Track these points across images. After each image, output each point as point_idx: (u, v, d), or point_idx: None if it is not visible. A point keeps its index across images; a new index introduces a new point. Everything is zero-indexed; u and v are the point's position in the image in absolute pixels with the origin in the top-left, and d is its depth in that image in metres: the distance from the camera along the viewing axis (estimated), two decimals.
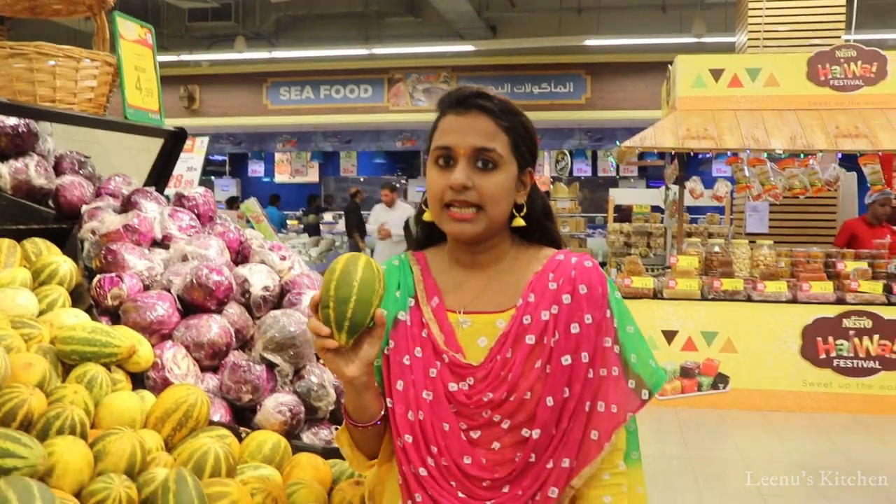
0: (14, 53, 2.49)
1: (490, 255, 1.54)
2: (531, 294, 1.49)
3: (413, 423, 1.46)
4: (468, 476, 1.44)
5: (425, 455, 1.46)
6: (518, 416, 1.44)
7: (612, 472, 1.48)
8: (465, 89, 1.50)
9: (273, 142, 17.61)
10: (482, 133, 1.46)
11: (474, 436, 1.45)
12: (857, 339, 6.50)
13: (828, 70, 7.44)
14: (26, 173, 2.61)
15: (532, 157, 1.54)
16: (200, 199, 2.74)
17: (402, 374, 1.49)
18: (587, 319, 1.46)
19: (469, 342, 1.49)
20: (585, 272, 1.49)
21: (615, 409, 1.46)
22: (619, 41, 13.32)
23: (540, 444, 1.43)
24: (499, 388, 1.44)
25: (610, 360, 1.47)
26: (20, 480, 1.35)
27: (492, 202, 1.46)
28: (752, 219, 8.69)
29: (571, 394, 1.43)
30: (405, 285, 1.56)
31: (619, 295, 1.53)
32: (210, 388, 2.21)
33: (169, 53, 14.27)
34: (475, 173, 1.45)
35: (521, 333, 1.46)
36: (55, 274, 2.25)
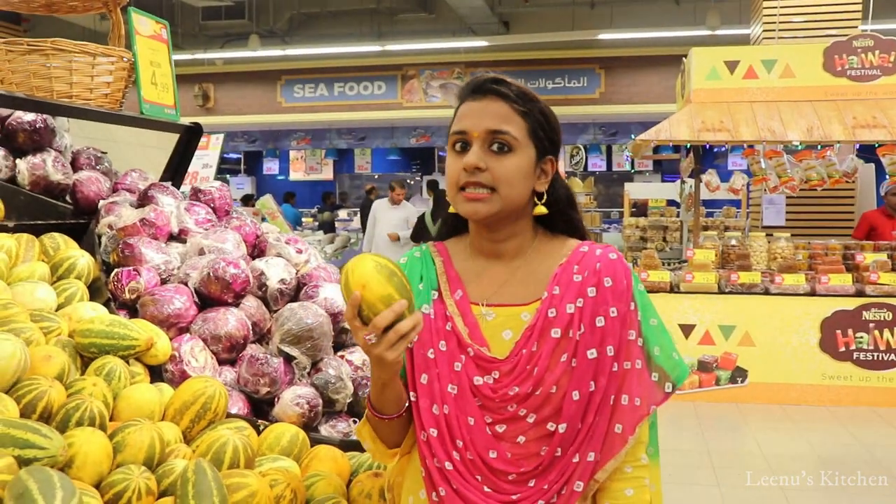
0: (31, 50, 2.51)
1: (512, 245, 1.53)
2: (556, 286, 1.48)
3: (438, 417, 1.46)
4: (493, 470, 1.44)
5: (450, 449, 1.45)
6: (544, 411, 1.43)
7: (634, 465, 1.47)
8: (482, 76, 1.50)
9: (287, 139, 17.66)
10: (496, 116, 1.45)
11: (500, 430, 1.45)
12: (877, 331, 6.44)
13: (845, 60, 7.37)
14: (44, 169, 2.62)
15: (553, 144, 1.52)
16: (216, 193, 2.75)
17: (426, 368, 1.48)
18: (612, 313, 1.45)
19: (493, 335, 1.48)
20: (610, 264, 1.49)
21: (639, 402, 1.46)
22: (633, 35, 13.26)
23: (566, 438, 1.43)
24: (525, 381, 1.43)
25: (634, 353, 1.47)
26: (41, 470, 1.35)
27: (505, 184, 1.44)
28: (769, 211, 8.64)
29: (597, 387, 1.43)
30: (427, 278, 1.55)
31: (642, 287, 1.52)
32: (228, 381, 2.21)
33: (183, 52, 14.32)
34: (489, 156, 1.44)
35: (546, 327, 1.45)
36: (73, 268, 2.26)
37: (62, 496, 1.31)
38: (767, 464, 5.09)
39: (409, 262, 1.58)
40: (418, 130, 16.49)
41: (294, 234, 7.90)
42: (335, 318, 2.39)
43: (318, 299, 2.41)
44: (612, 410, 1.45)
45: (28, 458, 1.46)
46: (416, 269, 1.57)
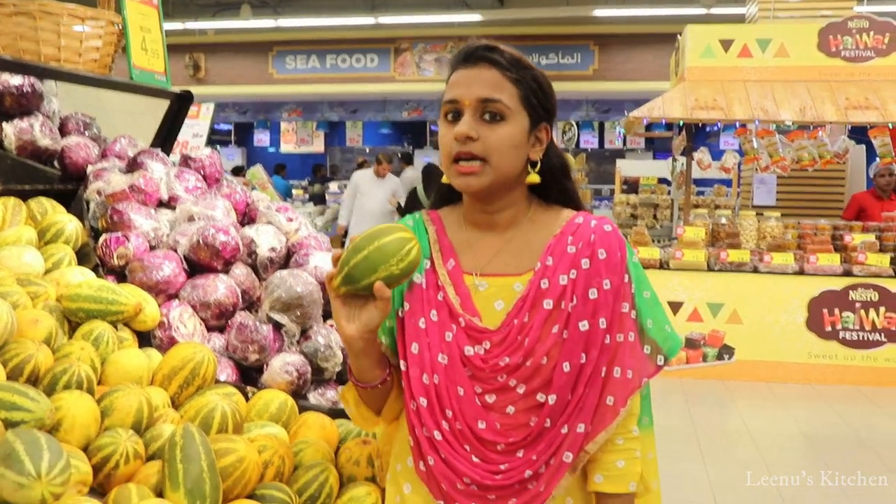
0: (17, 12, 2.48)
1: (506, 216, 1.51)
2: (549, 257, 1.46)
3: (428, 387, 1.45)
4: (482, 440, 1.43)
5: (440, 418, 1.44)
6: (534, 382, 1.43)
7: (625, 436, 1.47)
8: (474, 43, 1.48)
9: (279, 111, 17.56)
10: (487, 84, 1.43)
11: (489, 400, 1.44)
12: (863, 311, 6.49)
13: (839, 41, 7.35)
14: (31, 133, 2.60)
15: (547, 111, 1.49)
16: (207, 160, 2.73)
17: (417, 337, 1.47)
18: (605, 285, 1.44)
19: (485, 305, 1.47)
20: (605, 236, 1.47)
21: (631, 374, 1.45)
22: (628, 12, 13.21)
23: (555, 409, 1.42)
24: (515, 352, 1.42)
25: (626, 326, 1.46)
26: (28, 432, 1.35)
27: (497, 154, 1.42)
28: (760, 191, 8.65)
29: (588, 359, 1.42)
30: (420, 247, 1.53)
31: (636, 259, 1.51)
32: (216, 348, 2.21)
33: (174, 21, 14.18)
34: (481, 125, 1.42)
35: (538, 298, 1.44)
36: (61, 233, 2.25)
37: (49, 457, 1.31)
38: (753, 440, 5.13)
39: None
40: (410, 104, 16.41)
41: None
42: (324, 286, 2.38)
43: (307, 267, 2.40)
44: (604, 382, 1.44)
45: (15, 421, 1.45)
46: None
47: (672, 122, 7.34)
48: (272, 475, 1.68)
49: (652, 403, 1.57)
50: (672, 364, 6.59)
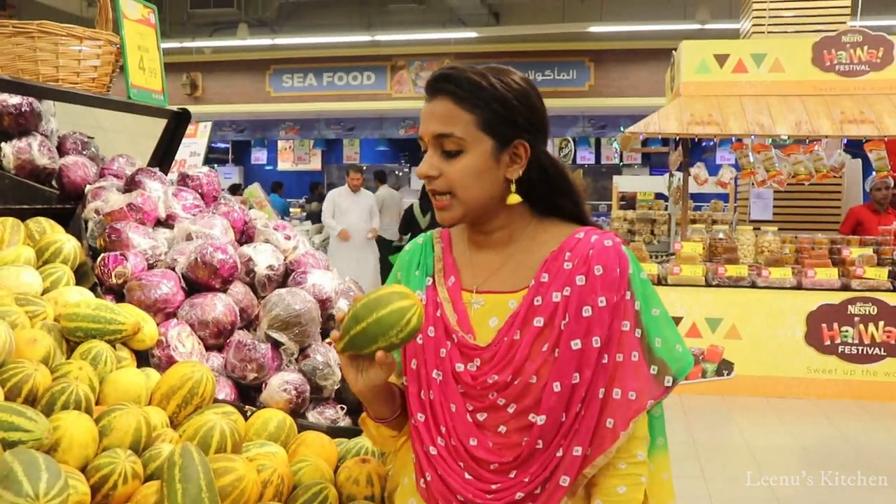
0: (17, 32, 2.48)
1: (502, 235, 1.50)
2: (545, 274, 1.44)
3: (424, 403, 1.46)
4: (475, 458, 1.42)
5: (435, 435, 1.45)
6: (524, 401, 1.40)
7: (629, 461, 1.42)
8: (435, 72, 1.44)
9: (276, 129, 17.58)
10: (440, 118, 1.41)
11: (480, 418, 1.43)
12: (861, 325, 6.48)
13: (833, 55, 7.39)
14: (30, 153, 2.60)
15: (520, 127, 1.43)
16: (204, 178, 2.73)
17: (415, 354, 1.49)
18: (601, 302, 1.40)
19: (481, 322, 1.46)
20: (603, 252, 1.43)
21: (633, 395, 1.40)
22: (623, 28, 13.27)
23: (546, 430, 1.39)
24: (504, 370, 1.40)
25: (628, 345, 1.41)
26: (26, 452, 1.34)
27: (460, 188, 1.41)
28: (757, 205, 8.67)
29: (581, 379, 1.39)
30: (423, 265, 1.56)
31: (644, 276, 1.47)
32: (215, 367, 2.20)
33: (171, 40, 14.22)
34: (441, 160, 1.42)
35: (530, 315, 1.41)
36: (59, 252, 2.24)
37: (47, 478, 1.30)
38: (753, 455, 5.12)
39: (412, 251, 1.60)
40: (407, 121, 16.44)
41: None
42: (323, 304, 2.38)
43: (306, 285, 2.40)
44: (603, 404, 1.40)
45: (13, 441, 1.45)
46: (416, 257, 1.58)
47: (668, 137, 7.38)
48: (271, 495, 1.67)
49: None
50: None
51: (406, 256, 1.60)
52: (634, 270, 1.44)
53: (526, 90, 1.44)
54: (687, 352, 1.47)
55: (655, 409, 1.48)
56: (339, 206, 9.25)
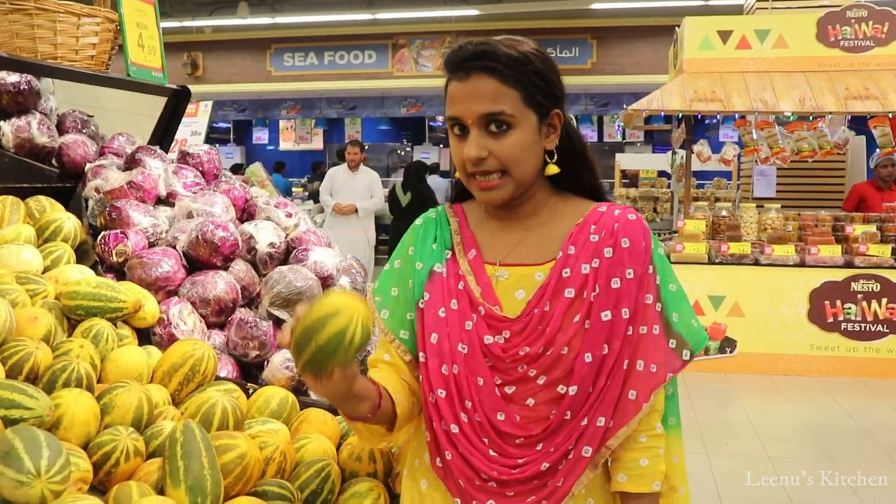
0: (14, 9, 2.46)
1: (527, 208, 1.49)
2: (571, 246, 1.43)
3: (447, 378, 1.43)
4: (501, 433, 1.41)
5: (458, 411, 1.43)
6: (554, 372, 1.40)
7: (648, 434, 1.43)
8: (463, 49, 1.41)
9: (277, 109, 17.53)
10: (487, 97, 1.38)
11: (508, 391, 1.42)
12: (864, 302, 6.48)
13: (838, 31, 7.33)
14: (29, 131, 2.59)
15: (555, 98, 1.45)
16: (205, 156, 2.72)
17: (436, 327, 1.45)
18: (628, 274, 1.41)
19: (506, 295, 1.45)
20: (629, 225, 1.44)
21: (655, 368, 1.41)
22: (626, 4, 13.16)
23: (576, 401, 1.39)
24: (536, 341, 1.40)
25: (651, 318, 1.43)
26: (27, 430, 1.34)
27: (514, 164, 1.40)
28: (760, 183, 8.64)
29: (610, 350, 1.39)
30: (441, 238, 1.53)
31: (662, 251, 1.48)
32: (217, 345, 2.20)
33: (171, 20, 14.14)
34: (490, 139, 1.39)
35: (560, 286, 1.41)
36: (59, 231, 2.24)
37: (48, 455, 1.30)
38: (755, 432, 5.13)
39: (424, 224, 1.57)
40: (409, 100, 16.38)
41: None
42: (325, 281, 2.37)
43: (307, 263, 2.39)
44: (626, 375, 1.41)
45: (14, 419, 1.44)
46: (431, 230, 1.55)
47: (671, 114, 7.34)
48: (274, 471, 1.67)
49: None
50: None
51: (419, 231, 1.57)
52: (655, 245, 1.46)
53: (551, 59, 1.46)
54: (701, 327, 1.48)
55: (668, 388, 1.48)
56: (336, 183, 8.80)
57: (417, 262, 1.52)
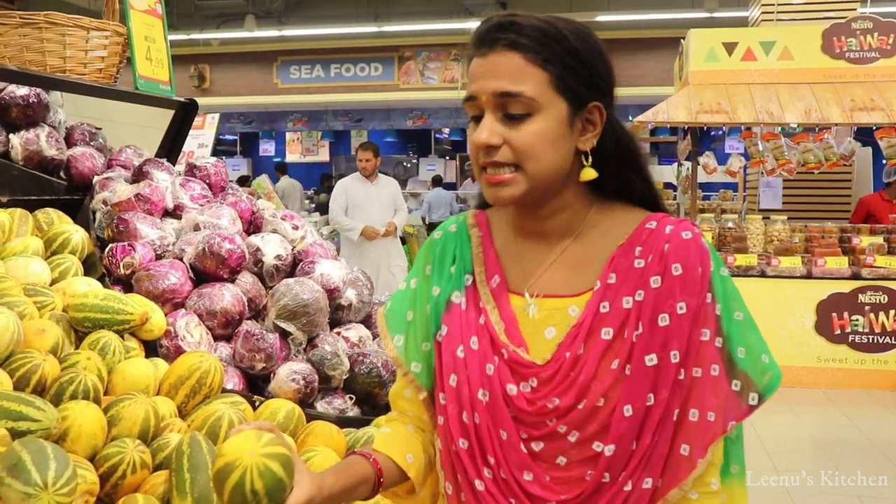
0: (24, 23, 2.48)
1: (559, 221, 1.25)
2: (612, 274, 1.20)
3: (468, 427, 1.22)
4: (529, 495, 1.19)
5: (481, 466, 1.22)
6: (589, 428, 1.17)
7: (701, 490, 1.19)
8: (489, 21, 1.19)
9: (284, 121, 17.59)
10: (505, 74, 1.15)
11: (536, 448, 1.20)
12: (872, 314, 6.45)
13: (843, 42, 7.33)
14: (38, 144, 2.60)
15: (597, 88, 1.20)
16: (212, 169, 2.73)
17: (455, 368, 1.24)
18: (680, 309, 1.16)
19: (534, 333, 1.22)
20: (682, 246, 1.18)
21: (713, 417, 1.17)
22: (631, 17, 13.21)
23: (615, 461, 1.16)
24: (567, 392, 1.17)
25: (707, 357, 1.18)
26: (34, 442, 1.34)
27: (529, 158, 1.16)
28: (766, 194, 8.63)
29: (657, 401, 1.15)
30: (461, 258, 1.30)
31: (726, 272, 1.22)
32: (223, 357, 2.20)
33: (179, 32, 14.23)
34: (505, 126, 1.16)
35: (596, 325, 1.18)
36: (67, 243, 2.25)
37: (56, 467, 1.30)
38: (763, 444, 5.10)
39: (443, 238, 1.34)
40: (415, 112, 16.43)
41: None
42: (331, 294, 2.38)
43: (314, 275, 2.40)
44: (677, 428, 1.17)
45: (21, 431, 1.45)
46: (450, 248, 1.32)
47: (677, 126, 7.33)
48: None
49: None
50: None
51: (437, 247, 1.34)
52: (715, 267, 1.20)
53: (601, 45, 1.22)
54: (774, 363, 1.21)
55: (732, 432, 1.21)
56: (353, 198, 6.89)
57: (434, 287, 1.31)
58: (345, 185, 7.00)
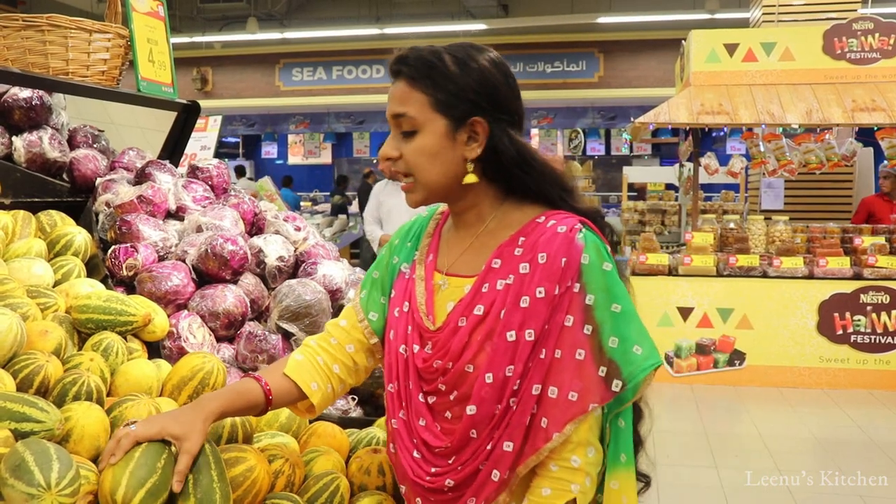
0: (27, 25, 2.48)
1: (470, 215, 1.48)
2: (496, 260, 1.40)
3: (393, 374, 1.49)
4: (422, 440, 1.44)
5: (398, 408, 1.48)
6: (461, 389, 1.39)
7: (561, 464, 1.34)
8: (394, 54, 1.44)
9: (286, 123, 17.62)
10: (396, 99, 1.41)
11: (430, 401, 1.45)
12: (874, 314, 6.46)
13: (844, 43, 7.34)
14: (40, 146, 2.61)
15: (475, 104, 1.38)
16: (214, 170, 2.74)
17: (392, 325, 1.51)
18: (539, 293, 1.34)
19: (441, 305, 1.46)
20: (552, 239, 1.36)
21: (574, 396, 1.32)
22: (632, 18, 13.22)
23: (478, 420, 1.37)
24: (445, 356, 1.40)
25: (569, 342, 1.33)
26: (37, 442, 1.34)
27: (416, 168, 1.40)
28: (768, 195, 8.63)
29: (514, 372, 1.34)
30: (416, 237, 1.57)
31: (609, 267, 1.36)
32: (226, 358, 2.21)
33: (181, 35, 14.26)
34: (401, 141, 1.41)
35: (475, 302, 1.40)
36: (70, 245, 2.25)
37: (59, 468, 1.30)
38: (765, 445, 5.10)
39: (413, 221, 1.62)
40: None
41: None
42: (334, 295, 2.38)
43: (316, 276, 2.40)
44: (538, 401, 1.34)
45: (24, 432, 1.45)
46: (414, 229, 1.59)
47: (678, 127, 7.34)
48: (282, 485, 1.68)
49: (663, 409, 1.47)
50: (683, 370, 6.56)
51: (406, 226, 1.62)
52: (592, 260, 1.35)
53: (485, 68, 1.39)
54: (649, 355, 1.34)
55: (620, 420, 1.36)
56: (383, 205, 6.45)
57: (395, 256, 1.58)
58: (376, 190, 6.66)
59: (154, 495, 1.30)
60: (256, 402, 1.48)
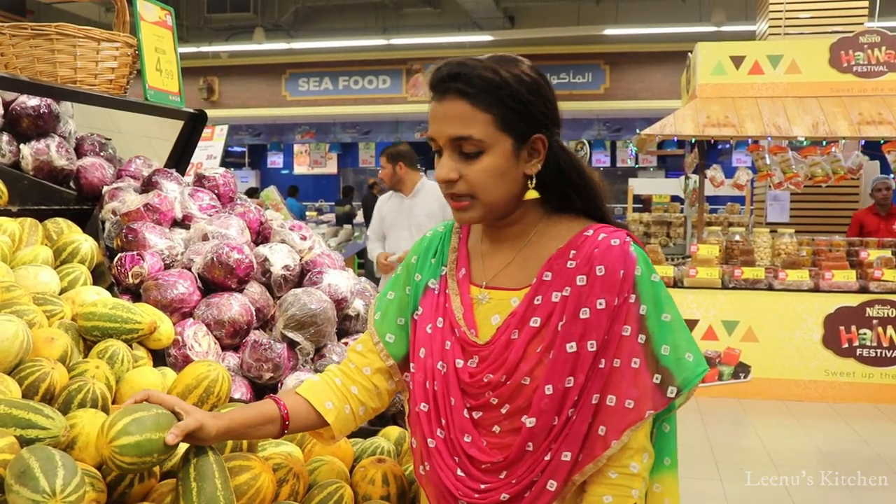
0: (35, 34, 2.49)
1: (514, 230, 1.47)
2: (547, 272, 1.41)
3: (429, 393, 1.47)
4: (468, 456, 1.42)
5: (435, 426, 1.46)
6: (516, 402, 1.39)
7: (620, 471, 1.37)
8: (441, 69, 1.40)
9: (292, 133, 17.68)
10: (456, 120, 1.36)
11: (476, 416, 1.43)
12: (880, 328, 6.43)
13: (851, 56, 7.34)
14: (48, 154, 2.62)
15: (536, 121, 1.39)
16: (220, 179, 2.74)
17: (424, 343, 1.49)
18: (599, 304, 1.36)
19: (484, 319, 1.45)
20: (608, 251, 1.38)
21: (630, 404, 1.36)
22: (638, 30, 13.26)
23: (536, 433, 1.37)
24: (498, 369, 1.39)
25: (626, 350, 1.37)
26: (42, 449, 1.34)
27: (481, 190, 1.38)
28: (773, 208, 8.62)
29: (575, 383, 1.35)
30: (441, 253, 1.55)
31: (656, 278, 1.40)
32: (231, 367, 2.21)
33: (188, 45, 14.32)
34: (461, 162, 1.37)
35: (529, 314, 1.39)
36: (76, 252, 2.25)
37: (64, 475, 1.30)
38: (770, 459, 5.08)
39: (431, 237, 1.60)
40: (423, 125, 16.46)
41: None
42: (339, 304, 2.38)
43: (321, 285, 2.40)
44: (596, 410, 1.36)
45: (30, 438, 1.45)
46: (434, 244, 1.57)
47: (684, 139, 7.34)
48: (287, 494, 1.67)
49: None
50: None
51: (425, 243, 1.59)
52: (643, 272, 1.39)
53: (538, 81, 1.40)
54: (700, 362, 1.39)
55: (665, 425, 1.43)
56: (386, 218, 5.86)
57: (417, 274, 1.56)
58: (379, 204, 6.07)
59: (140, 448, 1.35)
60: (271, 416, 1.49)
